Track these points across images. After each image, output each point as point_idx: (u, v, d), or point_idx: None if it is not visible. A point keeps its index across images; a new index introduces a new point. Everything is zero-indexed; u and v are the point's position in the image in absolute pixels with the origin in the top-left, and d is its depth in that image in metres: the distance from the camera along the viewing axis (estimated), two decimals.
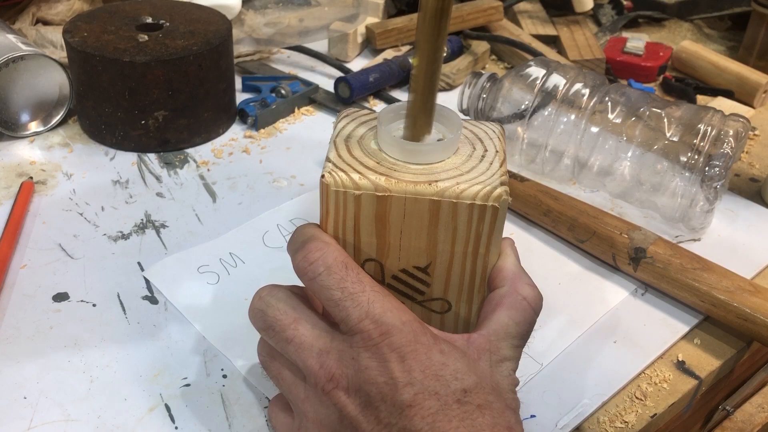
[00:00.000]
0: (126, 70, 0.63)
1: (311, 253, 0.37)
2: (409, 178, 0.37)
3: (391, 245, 0.38)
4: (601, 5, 1.02)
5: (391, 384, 0.34)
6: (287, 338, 0.37)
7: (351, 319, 0.35)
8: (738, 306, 0.50)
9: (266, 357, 0.40)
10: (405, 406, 0.34)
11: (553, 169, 0.65)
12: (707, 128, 0.58)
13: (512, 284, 0.39)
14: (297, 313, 0.38)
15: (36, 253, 0.55)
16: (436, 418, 0.33)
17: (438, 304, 0.41)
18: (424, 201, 0.37)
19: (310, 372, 0.36)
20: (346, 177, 0.37)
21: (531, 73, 0.65)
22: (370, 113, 0.42)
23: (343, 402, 0.35)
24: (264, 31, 0.83)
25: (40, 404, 0.44)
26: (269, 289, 0.39)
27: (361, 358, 0.35)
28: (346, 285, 0.36)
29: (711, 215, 0.59)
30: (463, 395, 0.34)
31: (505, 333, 0.38)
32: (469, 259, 0.39)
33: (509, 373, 0.37)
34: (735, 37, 1.01)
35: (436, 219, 0.37)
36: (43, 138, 0.69)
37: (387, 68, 0.79)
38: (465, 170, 0.38)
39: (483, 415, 0.34)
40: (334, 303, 0.36)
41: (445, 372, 0.34)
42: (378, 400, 0.34)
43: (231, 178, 0.65)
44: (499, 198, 0.37)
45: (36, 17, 0.79)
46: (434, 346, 0.35)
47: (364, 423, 0.35)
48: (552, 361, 0.49)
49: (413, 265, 0.39)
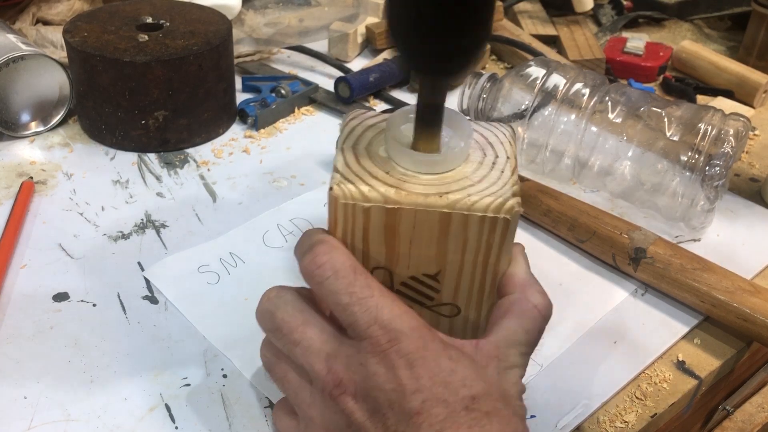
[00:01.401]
0: (126, 70, 0.63)
1: (319, 256, 0.36)
2: (420, 189, 0.36)
3: (401, 254, 0.38)
4: (601, 5, 1.02)
5: (399, 391, 0.34)
6: (295, 341, 0.37)
7: (359, 324, 0.35)
8: (738, 306, 0.50)
9: (271, 359, 0.40)
10: (413, 414, 0.33)
11: (554, 169, 0.65)
12: (708, 128, 0.58)
13: (522, 291, 0.39)
14: (305, 316, 0.37)
15: (36, 253, 0.55)
16: (444, 425, 0.33)
17: (447, 308, 0.41)
18: (435, 213, 0.36)
19: (317, 376, 0.36)
20: (355, 189, 0.36)
21: (531, 73, 0.65)
22: (378, 115, 0.41)
23: (351, 408, 0.35)
24: (264, 31, 0.83)
25: (40, 404, 0.44)
26: (278, 291, 0.39)
27: (369, 364, 0.34)
28: (355, 290, 0.35)
29: (712, 215, 0.59)
30: (471, 402, 0.34)
31: (513, 340, 0.37)
32: (479, 267, 0.38)
33: (516, 380, 0.37)
34: (735, 37, 1.01)
35: (447, 230, 0.37)
36: (43, 138, 0.69)
37: (387, 68, 0.79)
38: (476, 180, 0.37)
39: (491, 423, 0.34)
40: (342, 307, 0.35)
41: (454, 379, 0.34)
42: (386, 407, 0.34)
43: (231, 178, 0.65)
44: (510, 210, 0.36)
45: (36, 17, 0.79)
46: (443, 353, 0.35)
47: (371, 429, 0.34)
48: (552, 361, 0.49)
49: (423, 273, 0.39)
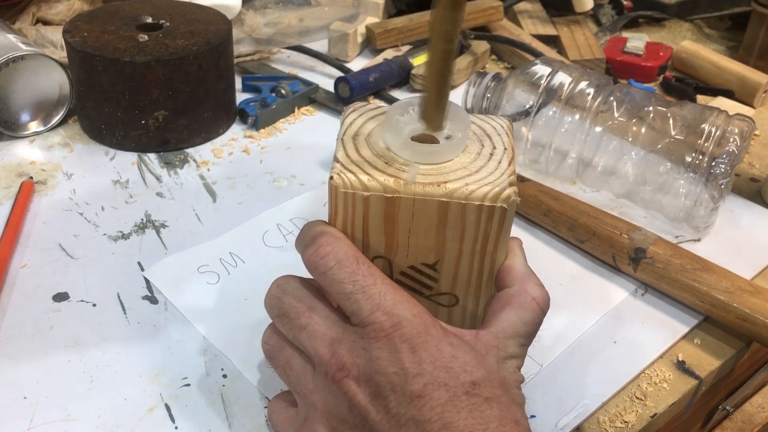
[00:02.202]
0: (126, 70, 0.63)
1: (322, 247, 0.37)
2: (418, 179, 0.37)
3: (400, 243, 0.39)
4: (601, 5, 1.02)
5: (402, 374, 0.34)
6: (301, 325, 0.38)
7: (363, 311, 0.35)
8: (738, 307, 0.50)
9: (274, 346, 0.40)
10: (415, 396, 0.34)
11: (557, 169, 0.65)
12: (712, 129, 0.58)
13: (521, 284, 0.40)
14: (312, 303, 0.38)
15: (36, 253, 0.55)
16: (445, 408, 0.34)
17: (446, 298, 0.42)
18: (433, 202, 0.37)
19: (321, 360, 0.36)
20: (354, 178, 0.37)
21: (536, 72, 0.65)
22: (378, 107, 0.42)
23: (354, 391, 0.35)
24: (264, 31, 0.83)
25: (40, 404, 0.44)
26: (287, 278, 0.40)
27: (373, 348, 0.35)
28: (358, 278, 0.36)
29: (715, 214, 0.59)
30: (472, 387, 0.34)
31: (512, 331, 0.38)
32: (477, 256, 0.39)
33: (515, 370, 0.38)
34: (735, 37, 1.01)
35: (445, 219, 0.37)
36: (43, 138, 0.69)
37: (387, 68, 0.79)
38: (473, 170, 0.38)
39: (491, 408, 0.34)
40: (345, 296, 0.36)
41: (455, 364, 0.35)
42: (388, 390, 0.34)
43: (231, 178, 0.65)
44: (507, 199, 0.37)
45: (36, 17, 0.79)
46: (444, 339, 0.35)
47: (373, 412, 0.35)
48: (552, 361, 0.49)
49: (421, 262, 0.40)
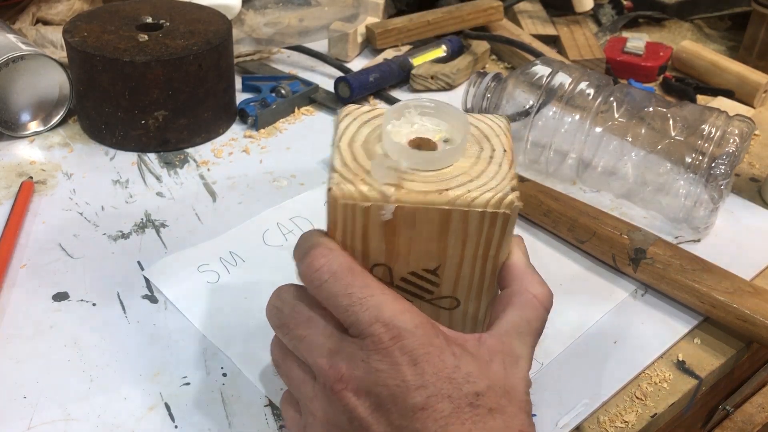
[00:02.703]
0: (126, 70, 0.63)
1: (316, 260, 0.36)
2: (419, 187, 0.36)
3: (401, 251, 0.38)
4: (601, 5, 1.02)
5: (403, 386, 0.34)
6: (299, 336, 0.37)
7: (361, 323, 0.35)
8: (737, 307, 0.50)
9: (279, 355, 0.40)
10: (417, 409, 0.33)
11: (557, 169, 0.65)
12: (711, 129, 0.58)
13: (522, 282, 0.39)
14: (311, 313, 0.38)
15: (36, 253, 0.55)
16: (448, 421, 0.33)
17: (447, 301, 0.41)
18: (435, 210, 0.36)
19: (319, 371, 0.36)
20: (354, 189, 0.36)
21: (536, 72, 0.65)
22: (372, 110, 0.41)
23: (353, 403, 0.35)
24: (264, 31, 0.83)
25: (40, 404, 0.44)
26: (286, 288, 0.40)
27: (372, 360, 0.34)
28: (354, 290, 0.35)
29: (715, 215, 0.59)
30: (476, 398, 0.34)
31: (516, 332, 0.37)
32: (479, 261, 0.38)
33: (524, 374, 0.37)
34: (735, 37, 1.01)
35: (447, 226, 0.37)
36: (43, 138, 0.69)
37: (387, 68, 0.79)
38: (474, 175, 0.37)
39: (494, 419, 0.34)
40: (342, 309, 0.35)
41: (458, 375, 0.34)
42: (389, 403, 0.34)
43: (231, 177, 0.65)
44: (510, 205, 0.36)
45: (36, 17, 0.79)
46: (447, 349, 0.35)
47: (374, 425, 0.34)
48: (552, 360, 0.49)
49: (422, 268, 0.39)
